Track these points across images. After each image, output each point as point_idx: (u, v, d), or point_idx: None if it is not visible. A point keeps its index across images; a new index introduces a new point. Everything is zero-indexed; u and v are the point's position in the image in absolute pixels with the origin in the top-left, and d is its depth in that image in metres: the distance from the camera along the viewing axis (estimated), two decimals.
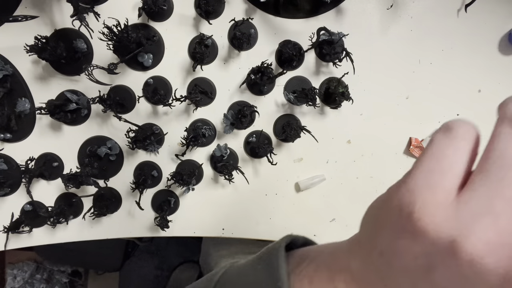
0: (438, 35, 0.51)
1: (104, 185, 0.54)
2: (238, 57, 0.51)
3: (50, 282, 1.08)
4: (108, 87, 0.50)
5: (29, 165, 0.52)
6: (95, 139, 0.53)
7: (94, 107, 0.52)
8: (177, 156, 0.53)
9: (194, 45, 0.49)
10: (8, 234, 0.53)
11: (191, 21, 0.50)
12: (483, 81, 0.52)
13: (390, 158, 0.55)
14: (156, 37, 0.48)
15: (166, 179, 0.53)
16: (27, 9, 0.48)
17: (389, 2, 0.50)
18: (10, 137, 0.51)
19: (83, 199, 0.54)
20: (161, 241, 1.26)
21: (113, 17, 0.47)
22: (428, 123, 0.53)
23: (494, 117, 0.20)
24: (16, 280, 1.04)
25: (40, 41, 0.46)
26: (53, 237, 0.55)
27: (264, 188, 0.54)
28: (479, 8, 0.49)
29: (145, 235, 0.56)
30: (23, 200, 0.54)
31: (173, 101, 0.48)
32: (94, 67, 0.47)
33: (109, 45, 0.47)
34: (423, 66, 0.52)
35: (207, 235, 0.56)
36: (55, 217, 0.52)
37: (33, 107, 0.51)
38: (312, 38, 0.49)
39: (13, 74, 0.50)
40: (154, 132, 0.52)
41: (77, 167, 0.53)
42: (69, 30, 0.49)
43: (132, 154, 0.53)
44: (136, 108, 0.52)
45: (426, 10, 0.50)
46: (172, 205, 0.54)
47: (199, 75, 0.51)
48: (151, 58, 0.50)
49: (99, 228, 0.55)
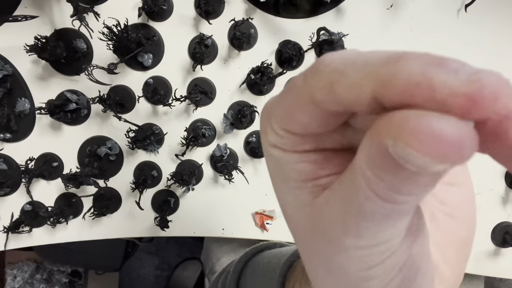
0: (438, 35, 0.51)
1: (104, 185, 0.54)
2: (238, 57, 0.51)
3: (50, 282, 1.08)
4: (108, 87, 0.50)
5: (29, 165, 0.52)
6: (95, 139, 0.53)
7: (94, 107, 0.52)
8: (177, 156, 0.53)
9: (194, 45, 0.49)
10: (8, 234, 0.53)
11: (191, 21, 0.50)
12: None
13: None
14: (156, 37, 0.48)
15: (166, 179, 0.53)
16: (27, 9, 0.48)
17: (389, 2, 0.50)
18: (10, 137, 0.51)
19: (83, 199, 0.54)
20: (161, 241, 1.26)
21: (113, 17, 0.47)
22: None
23: None
24: (16, 280, 1.04)
25: (40, 41, 0.46)
26: (53, 237, 0.55)
27: (264, 188, 0.55)
28: (479, 8, 0.49)
29: (145, 235, 0.56)
30: (23, 200, 0.54)
31: (173, 101, 0.48)
32: (94, 67, 0.47)
33: (109, 45, 0.47)
34: None
35: (207, 235, 0.57)
36: (55, 217, 0.52)
37: (33, 107, 0.51)
38: (312, 38, 0.49)
39: (13, 74, 0.50)
40: (154, 132, 0.52)
41: (77, 167, 0.53)
42: (69, 30, 0.49)
43: (132, 154, 0.53)
44: (136, 108, 0.52)
45: (426, 10, 0.50)
46: (172, 205, 0.54)
47: (199, 75, 0.51)
48: (151, 58, 0.50)
49: (99, 228, 0.55)
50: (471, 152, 0.09)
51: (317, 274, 0.16)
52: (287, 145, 0.13)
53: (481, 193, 0.54)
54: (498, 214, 0.55)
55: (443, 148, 0.09)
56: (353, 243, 0.13)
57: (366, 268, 0.13)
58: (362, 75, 0.10)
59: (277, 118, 0.13)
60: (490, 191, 0.54)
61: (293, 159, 0.13)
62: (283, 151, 0.13)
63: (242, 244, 0.63)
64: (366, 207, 0.11)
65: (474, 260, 0.55)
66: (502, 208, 0.55)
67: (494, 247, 0.55)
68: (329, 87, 0.11)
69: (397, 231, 0.12)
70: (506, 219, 0.55)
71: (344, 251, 0.13)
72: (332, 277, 0.15)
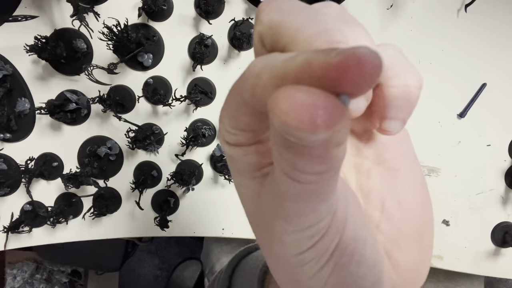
0: (438, 35, 0.51)
1: (104, 185, 0.54)
2: (238, 57, 0.51)
3: (50, 282, 1.08)
4: (108, 87, 0.50)
5: (29, 165, 0.52)
6: (95, 139, 0.53)
7: (94, 107, 0.52)
8: (177, 156, 0.53)
9: (194, 45, 0.49)
10: (8, 234, 0.53)
11: (191, 21, 0.50)
12: (483, 81, 0.52)
13: None
14: (156, 37, 0.48)
15: (166, 179, 0.53)
16: (27, 9, 0.48)
17: (389, 2, 0.50)
18: (10, 137, 0.51)
19: (83, 199, 0.54)
20: (161, 241, 1.26)
21: (113, 17, 0.47)
22: (428, 123, 0.53)
23: (495, 117, 0.20)
24: (16, 280, 1.04)
25: (40, 41, 0.46)
26: (53, 237, 0.55)
27: None
28: (479, 8, 0.49)
29: (145, 235, 0.56)
30: (23, 200, 0.54)
31: (173, 101, 0.48)
32: (94, 67, 0.47)
33: (109, 45, 0.47)
34: (423, 66, 0.52)
35: (207, 235, 0.57)
36: (54, 217, 0.52)
37: (33, 107, 0.51)
38: None
39: (13, 74, 0.50)
40: (154, 132, 0.52)
41: (77, 167, 0.53)
42: (69, 30, 0.49)
43: (132, 154, 0.53)
44: (136, 108, 0.52)
45: (426, 10, 0.50)
46: (172, 205, 0.54)
47: (199, 75, 0.51)
48: (151, 58, 0.50)
49: (99, 228, 0.55)
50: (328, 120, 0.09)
51: (270, 266, 0.17)
52: (237, 141, 0.15)
53: (481, 193, 0.54)
54: (498, 214, 0.55)
55: (296, 115, 0.09)
56: (283, 228, 0.14)
57: (298, 252, 0.14)
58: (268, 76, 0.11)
59: (225, 118, 0.15)
60: (490, 191, 0.54)
61: (242, 152, 0.15)
62: (233, 147, 0.15)
63: (242, 244, 0.63)
64: (282, 188, 0.12)
65: (474, 260, 0.55)
66: (502, 208, 0.55)
67: (494, 247, 0.55)
68: (251, 90, 0.12)
69: (320, 214, 0.13)
70: (506, 219, 0.55)
71: (278, 237, 0.14)
72: (276, 265, 0.16)
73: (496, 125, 0.52)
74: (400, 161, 0.18)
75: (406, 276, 0.17)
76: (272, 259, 0.16)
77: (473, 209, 0.55)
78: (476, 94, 0.52)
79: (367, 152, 0.18)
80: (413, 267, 0.17)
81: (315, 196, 0.12)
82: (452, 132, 0.53)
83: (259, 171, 0.15)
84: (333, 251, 0.14)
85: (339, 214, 0.14)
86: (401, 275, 0.17)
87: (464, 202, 0.54)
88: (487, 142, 0.53)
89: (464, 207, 0.55)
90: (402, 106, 0.16)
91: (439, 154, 0.54)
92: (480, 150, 0.53)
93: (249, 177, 0.15)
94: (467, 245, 0.55)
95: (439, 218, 0.55)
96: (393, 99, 0.15)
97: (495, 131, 0.53)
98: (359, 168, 0.18)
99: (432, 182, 0.54)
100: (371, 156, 0.18)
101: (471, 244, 0.55)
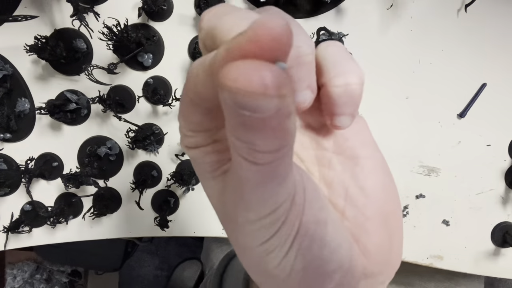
0: (438, 35, 0.51)
1: (104, 185, 0.54)
2: None
3: (50, 282, 1.08)
4: (108, 87, 0.50)
5: (29, 165, 0.52)
6: (95, 139, 0.53)
7: (94, 107, 0.52)
8: (177, 156, 0.53)
9: (194, 45, 0.49)
10: (8, 234, 0.53)
11: (191, 21, 0.50)
12: (483, 81, 0.52)
13: (387, 158, 0.55)
14: (156, 37, 0.48)
15: (166, 179, 0.53)
16: (27, 9, 0.48)
17: (389, 2, 0.50)
18: (10, 137, 0.51)
19: (83, 199, 0.54)
20: (161, 241, 1.26)
21: (113, 17, 0.47)
22: (428, 123, 0.53)
23: (495, 117, 0.20)
24: (16, 280, 1.04)
25: (40, 41, 0.46)
26: (53, 237, 0.55)
27: None
28: (479, 8, 0.49)
29: (145, 235, 0.56)
30: (23, 200, 0.54)
31: (173, 101, 0.48)
32: (94, 67, 0.47)
33: (109, 45, 0.47)
34: (423, 66, 0.52)
35: (207, 235, 0.56)
36: (55, 217, 0.52)
37: (33, 107, 0.51)
38: (312, 38, 0.49)
39: (13, 74, 0.50)
40: (154, 132, 0.52)
41: (77, 167, 0.53)
42: (69, 30, 0.49)
43: (132, 154, 0.53)
44: (136, 108, 0.52)
45: (426, 10, 0.50)
46: (172, 205, 0.54)
47: None
48: (151, 58, 0.50)
49: (99, 228, 0.55)
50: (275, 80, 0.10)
51: (241, 261, 0.17)
52: (195, 143, 0.15)
53: (481, 193, 0.54)
54: (498, 214, 0.55)
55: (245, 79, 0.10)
56: (246, 219, 0.14)
57: (262, 241, 0.14)
58: (203, 73, 0.13)
59: (181, 123, 0.15)
60: (490, 191, 0.54)
61: (201, 153, 0.16)
62: (193, 149, 0.16)
63: None
64: (241, 175, 0.13)
65: (474, 260, 0.55)
66: (502, 208, 0.55)
67: (494, 247, 0.55)
68: (194, 89, 0.13)
69: (279, 198, 0.13)
70: (506, 219, 0.55)
71: (241, 228, 0.15)
72: (246, 259, 0.16)
73: (496, 125, 0.52)
74: (359, 149, 0.18)
75: (377, 260, 0.17)
76: (241, 254, 0.17)
77: (473, 209, 0.55)
78: (476, 94, 0.52)
79: (327, 144, 0.19)
80: (382, 251, 0.18)
81: (272, 178, 0.12)
82: (452, 132, 0.53)
83: (220, 169, 0.16)
84: (295, 236, 0.14)
85: (297, 198, 0.14)
86: (371, 259, 0.17)
87: (464, 202, 0.54)
88: (487, 142, 0.53)
89: (464, 207, 0.55)
90: (347, 102, 0.16)
91: (439, 154, 0.54)
92: (480, 150, 0.53)
93: (211, 177, 0.16)
94: (467, 245, 0.55)
95: (439, 218, 0.55)
96: (337, 98, 0.16)
97: (495, 131, 0.53)
98: (320, 160, 0.19)
99: (432, 182, 0.54)
100: (331, 148, 0.19)
101: (471, 244, 0.55)
